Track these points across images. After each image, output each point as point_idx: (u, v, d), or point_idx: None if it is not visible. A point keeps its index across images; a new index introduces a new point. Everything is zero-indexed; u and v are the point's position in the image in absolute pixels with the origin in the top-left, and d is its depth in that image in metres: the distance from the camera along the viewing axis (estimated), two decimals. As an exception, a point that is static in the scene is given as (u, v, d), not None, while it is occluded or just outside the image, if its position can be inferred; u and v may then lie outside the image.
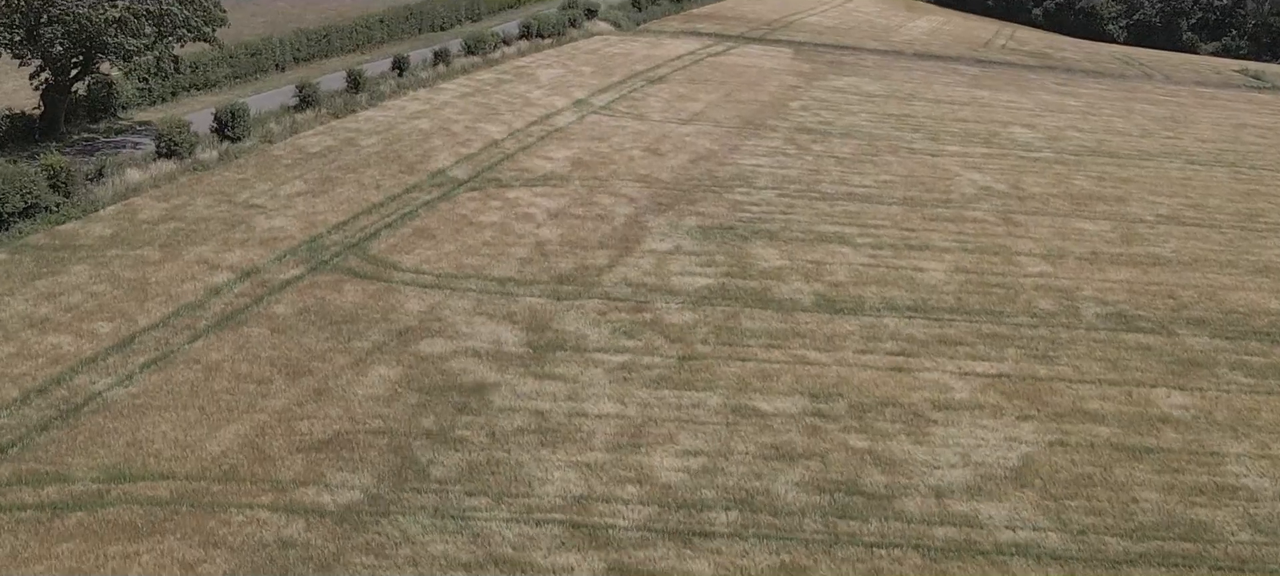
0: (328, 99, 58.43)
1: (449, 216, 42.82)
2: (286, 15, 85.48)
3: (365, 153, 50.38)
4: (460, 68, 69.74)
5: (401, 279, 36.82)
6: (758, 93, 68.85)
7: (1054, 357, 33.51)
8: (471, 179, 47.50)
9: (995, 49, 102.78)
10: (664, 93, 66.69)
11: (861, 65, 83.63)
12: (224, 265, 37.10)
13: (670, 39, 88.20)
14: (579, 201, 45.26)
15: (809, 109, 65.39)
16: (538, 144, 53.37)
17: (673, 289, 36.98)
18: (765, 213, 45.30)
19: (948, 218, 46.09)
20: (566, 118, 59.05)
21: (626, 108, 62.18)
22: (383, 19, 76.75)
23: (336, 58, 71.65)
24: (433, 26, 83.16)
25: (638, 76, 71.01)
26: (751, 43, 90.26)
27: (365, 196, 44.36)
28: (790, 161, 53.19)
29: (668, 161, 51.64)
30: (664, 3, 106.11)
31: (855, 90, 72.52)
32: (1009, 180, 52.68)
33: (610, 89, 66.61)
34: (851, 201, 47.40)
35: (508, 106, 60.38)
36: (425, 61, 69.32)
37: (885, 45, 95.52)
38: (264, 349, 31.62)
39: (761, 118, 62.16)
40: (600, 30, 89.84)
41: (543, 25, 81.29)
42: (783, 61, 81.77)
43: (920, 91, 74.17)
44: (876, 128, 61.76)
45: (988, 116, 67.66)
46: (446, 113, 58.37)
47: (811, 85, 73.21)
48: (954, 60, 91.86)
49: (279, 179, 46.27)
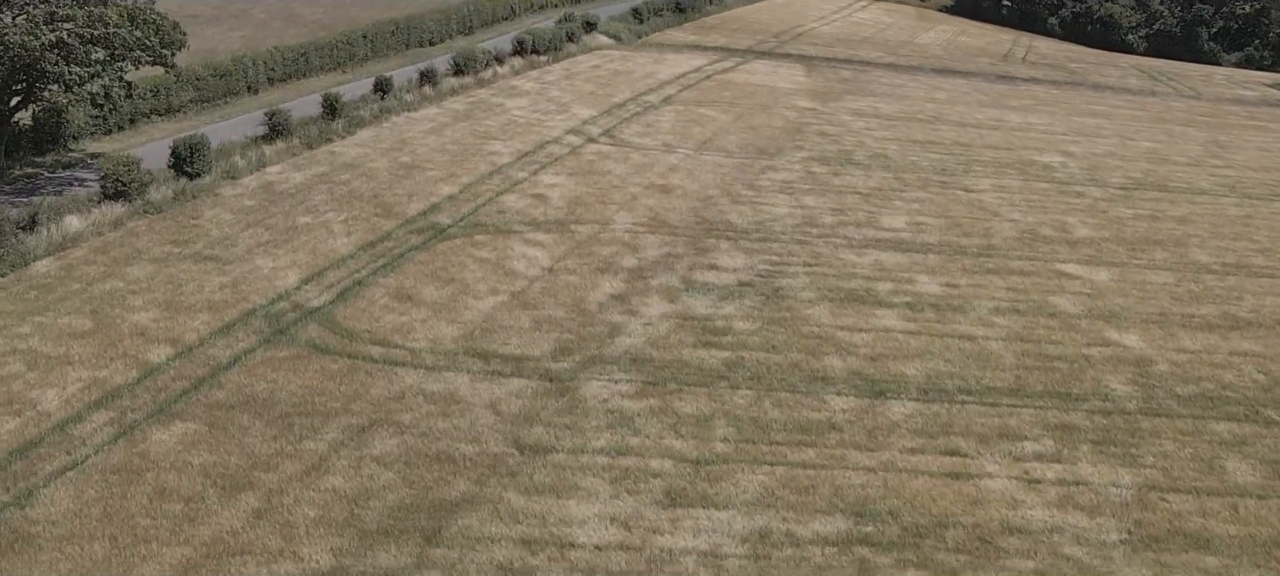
0: (300, 127, 53.22)
1: (428, 271, 37.63)
2: (268, 27, 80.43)
3: (339, 191, 45.19)
4: (448, 89, 64.55)
5: (369, 354, 31.61)
6: (770, 116, 63.67)
7: (1138, 457, 28.31)
8: (456, 223, 42.31)
9: (1015, 62, 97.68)
10: (669, 117, 61.51)
11: (878, 83, 78.47)
12: (163, 337, 31.89)
13: (674, 54, 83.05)
14: (577, 250, 40.08)
15: (826, 135, 60.22)
16: (531, 179, 48.17)
17: (685, 365, 31.78)
18: (786, 263, 40.10)
19: (992, 269, 40.90)
20: (563, 147, 53.87)
21: (629, 134, 57.00)
22: (366, 35, 71.56)
23: (316, 77, 66.50)
24: (421, 41, 77.98)
25: (641, 98, 65.85)
26: (760, 57, 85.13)
27: (334, 246, 39.15)
28: (810, 199, 47.99)
29: (676, 201, 46.45)
30: (667, 14, 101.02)
31: (874, 112, 67.36)
32: (1053, 220, 47.49)
33: (611, 113, 61.44)
34: (882, 248, 42.22)
35: (499, 134, 55.20)
36: (410, 82, 64.14)
37: (900, 59, 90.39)
38: (198, 452, 26.40)
39: (776, 145, 56.98)
40: (600, 44, 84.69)
41: (538, 40, 76.12)
42: (794, 79, 76.61)
43: (944, 113, 69.02)
44: (901, 156, 56.58)
45: (1019, 142, 62.48)
46: (431, 143, 53.17)
47: (827, 106, 68.04)
48: (974, 75, 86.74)
49: (240, 224, 41.07)
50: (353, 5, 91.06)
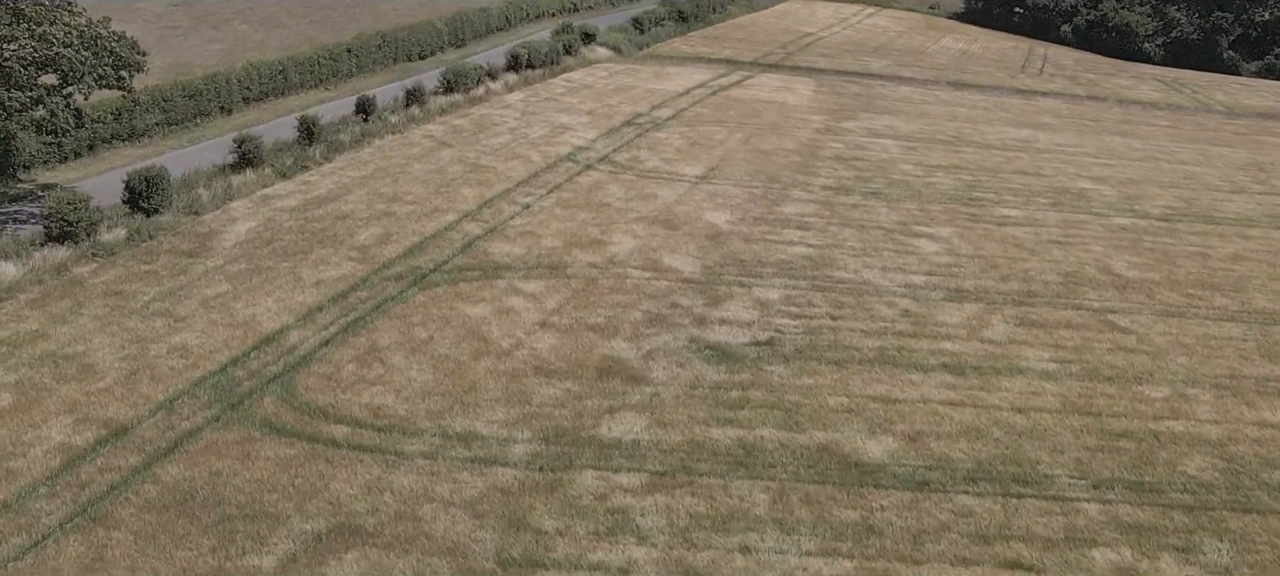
0: (274, 154, 48.99)
1: (404, 326, 33.37)
2: (248, 39, 76.27)
3: (311, 229, 40.95)
4: (437, 108, 60.31)
5: (331, 437, 27.35)
6: (781, 137, 59.43)
7: (1233, 570, 24.04)
8: (438, 268, 38.06)
9: (1032, 74, 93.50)
10: (673, 139, 57.26)
11: (892, 98, 74.24)
12: (94, 415, 27.65)
13: (677, 67, 78.82)
14: (573, 300, 35.82)
15: (842, 159, 55.98)
16: (524, 215, 43.92)
17: (696, 448, 27.54)
18: (806, 314, 35.87)
19: (1036, 320, 36.63)
20: (560, 174, 49.62)
21: (630, 159, 52.75)
22: (351, 49, 67.31)
23: (295, 95, 62.28)
24: (409, 55, 73.75)
25: (643, 117, 61.60)
26: (767, 70, 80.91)
27: (301, 298, 34.89)
28: (829, 235, 43.74)
29: (682, 241, 42.21)
30: (668, 23, 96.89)
31: (891, 133, 63.12)
32: (1095, 259, 43.25)
33: (612, 135, 57.19)
34: (911, 296, 37.96)
35: (490, 161, 50.94)
36: (396, 101, 59.94)
37: (913, 71, 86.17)
38: (115, 572, 22.15)
39: (789, 171, 52.73)
40: (599, 57, 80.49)
41: (534, 54, 71.91)
42: (805, 95, 72.38)
43: (966, 132, 64.79)
44: (925, 183, 52.33)
45: (1048, 165, 58.24)
46: (416, 170, 48.91)
47: (841, 126, 63.81)
48: (992, 89, 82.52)
49: (198, 270, 36.80)
50: (340, 16, 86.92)
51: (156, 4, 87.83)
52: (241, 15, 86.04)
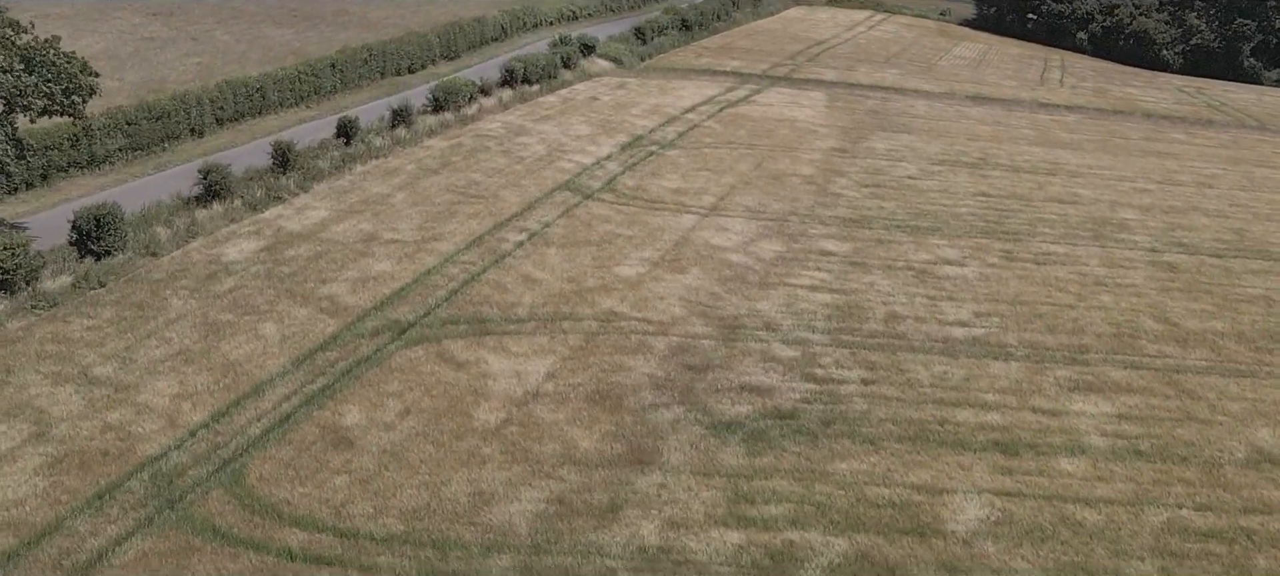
0: (244, 185, 44.82)
1: (377, 397, 29.22)
2: (230, 53, 72.12)
3: (280, 273, 36.80)
4: (425, 130, 56.16)
5: (286, 546, 23.17)
6: (795, 161, 55.26)
7: None
8: (420, 321, 33.90)
9: (1052, 85, 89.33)
10: (680, 162, 53.11)
11: (909, 114, 70.08)
12: (3, 520, 23.47)
13: (681, 81, 74.69)
14: (571, 364, 31.66)
15: (862, 185, 51.81)
16: (518, 254, 39.78)
17: (715, 555, 23.39)
18: (834, 378, 31.72)
19: (1092, 383, 32.47)
20: (558, 206, 45.49)
21: (634, 186, 48.60)
22: (335, 64, 63.12)
23: (274, 115, 58.10)
24: (398, 70, 69.58)
25: (646, 138, 57.46)
26: (776, 83, 76.75)
27: (262, 364, 30.73)
28: (854, 277, 39.60)
29: (691, 281, 38.08)
30: (672, 32, 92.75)
31: (912, 153, 58.97)
32: (1150, 305, 39.10)
33: (613, 159, 53.05)
34: (951, 357, 33.78)
35: (481, 190, 46.80)
36: (381, 122, 55.79)
37: (928, 84, 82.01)
38: None
39: (806, 200, 48.58)
40: (599, 70, 76.35)
41: (530, 68, 67.77)
42: (817, 112, 68.23)
43: (991, 153, 60.63)
44: (953, 214, 48.18)
45: (1084, 191, 54.09)
46: (399, 202, 44.77)
47: (857, 146, 59.66)
48: (1012, 103, 78.37)
49: (146, 329, 32.62)
50: (328, 26, 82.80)
51: (135, 13, 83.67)
52: (224, 26, 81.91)
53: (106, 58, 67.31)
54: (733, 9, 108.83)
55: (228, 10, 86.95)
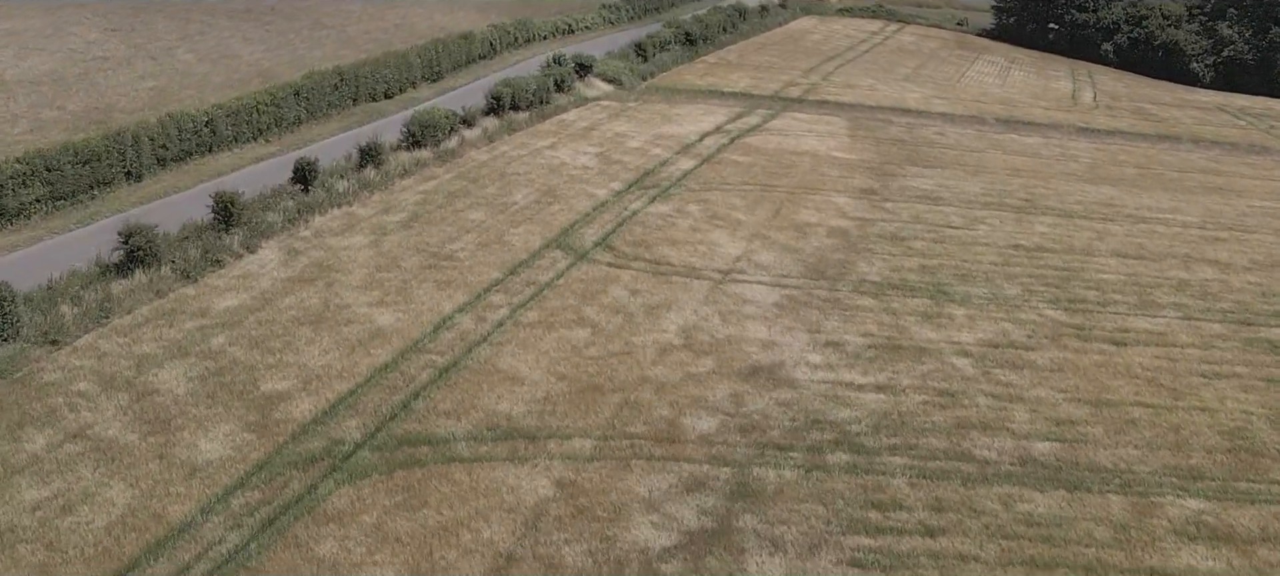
0: (176, 246, 38.03)
1: (307, 561, 22.41)
2: (190, 74, 65.31)
3: (202, 372, 30.02)
4: (398, 170, 49.37)
5: None
6: (820, 208, 48.45)
7: None
8: (370, 440, 27.12)
9: (1085, 106, 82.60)
10: (688, 211, 46.32)
11: (941, 144, 63.29)
12: None
13: (687, 105, 67.92)
14: (554, 518, 24.85)
15: (898, 239, 45.02)
16: (496, 339, 33.01)
17: None
18: (892, 527, 24.94)
19: (1217, 528, 25.68)
20: (546, 269, 38.75)
21: (635, 243, 41.85)
22: (300, 91, 56.28)
23: (227, 152, 51.30)
24: (373, 94, 62.76)
25: (647, 179, 50.67)
26: (791, 107, 69.97)
27: (165, 505, 23.91)
28: (900, 370, 32.81)
29: (703, 372, 31.33)
30: (675, 47, 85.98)
31: (950, 194, 52.16)
32: (1263, 404, 32.30)
33: (610, 205, 46.28)
34: (1035, 487, 26.98)
35: (456, 248, 40.05)
36: (348, 161, 49.04)
37: (954, 106, 75.24)
38: None
39: (836, 258, 41.81)
40: (596, 94, 69.56)
41: (519, 93, 61.01)
42: (839, 142, 61.43)
43: (1037, 193, 53.86)
44: (1006, 275, 41.40)
45: (1149, 242, 47.33)
46: (358, 266, 38.00)
47: (888, 186, 52.86)
48: (1048, 128, 71.59)
49: (24, 456, 25.81)
50: (302, 43, 75.99)
51: (93, 29, 76.80)
52: (189, 42, 75.07)
53: (51, 81, 60.59)
54: (739, 20, 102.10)
55: (196, 23, 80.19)
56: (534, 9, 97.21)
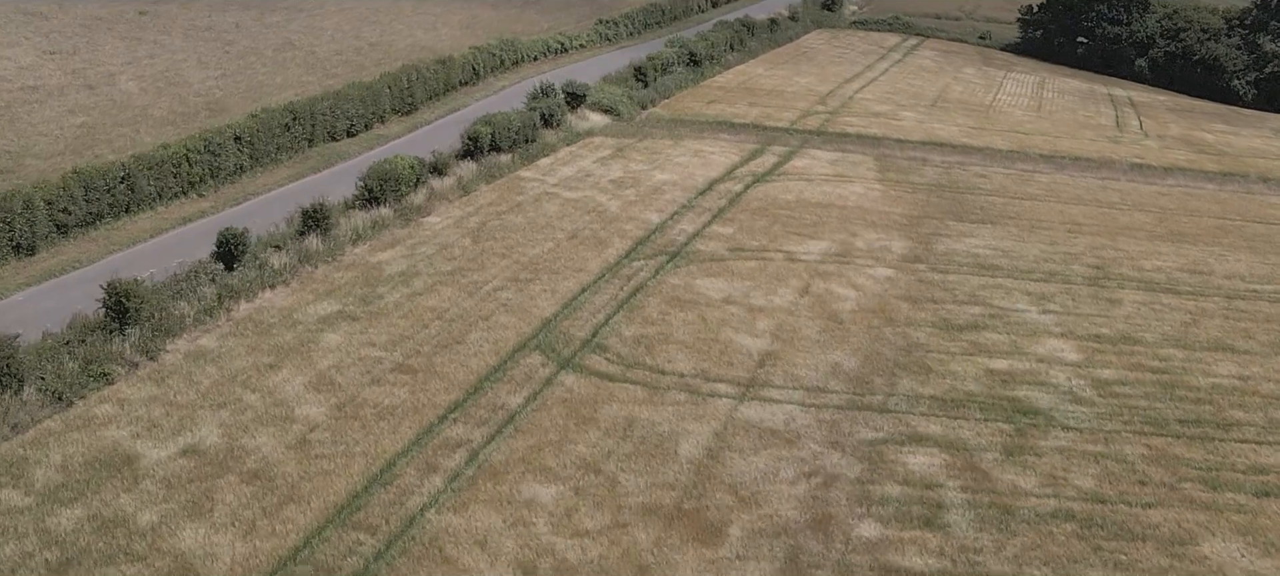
0: (49, 357, 29.87)
1: None
2: (129, 106, 57.10)
3: (44, 555, 21.88)
4: (350, 234, 41.28)
5: None
6: (854, 283, 40.25)
7: None
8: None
9: (1134, 135, 74.45)
10: (697, 294, 38.17)
11: (984, 190, 55.10)
12: None
13: (694, 140, 59.79)
14: None
15: (953, 327, 36.84)
16: (448, 503, 24.87)
17: None
18: None
19: None
20: (520, 386, 30.65)
21: (631, 345, 33.70)
22: (242, 136, 48.08)
23: (148, 212, 43.20)
24: (333, 132, 54.60)
25: (649, 246, 42.54)
26: (811, 142, 61.85)
27: None
28: (985, 548, 24.67)
29: (729, 536, 23.18)
30: (678, 69, 77.89)
31: (1008, 261, 43.95)
32: None
33: (601, 286, 38.15)
34: None
35: (412, 353, 31.89)
36: (289, 225, 40.94)
37: (990, 138, 67.09)
38: None
39: (882, 361, 33.65)
40: (590, 127, 61.41)
41: (501, 132, 52.87)
42: (868, 188, 53.26)
43: (1107, 256, 45.66)
44: (1095, 386, 33.23)
45: (1258, 329, 39.12)
46: (284, 381, 29.83)
47: (932, 250, 44.69)
48: (1100, 167, 63.47)
49: None
50: (264, 68, 67.84)
51: (31, 51, 68.63)
52: (134, 66, 66.94)
53: (-40, 119, 52.60)
54: (748, 36, 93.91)
55: (148, 45, 72.12)
56: (526, 25, 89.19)
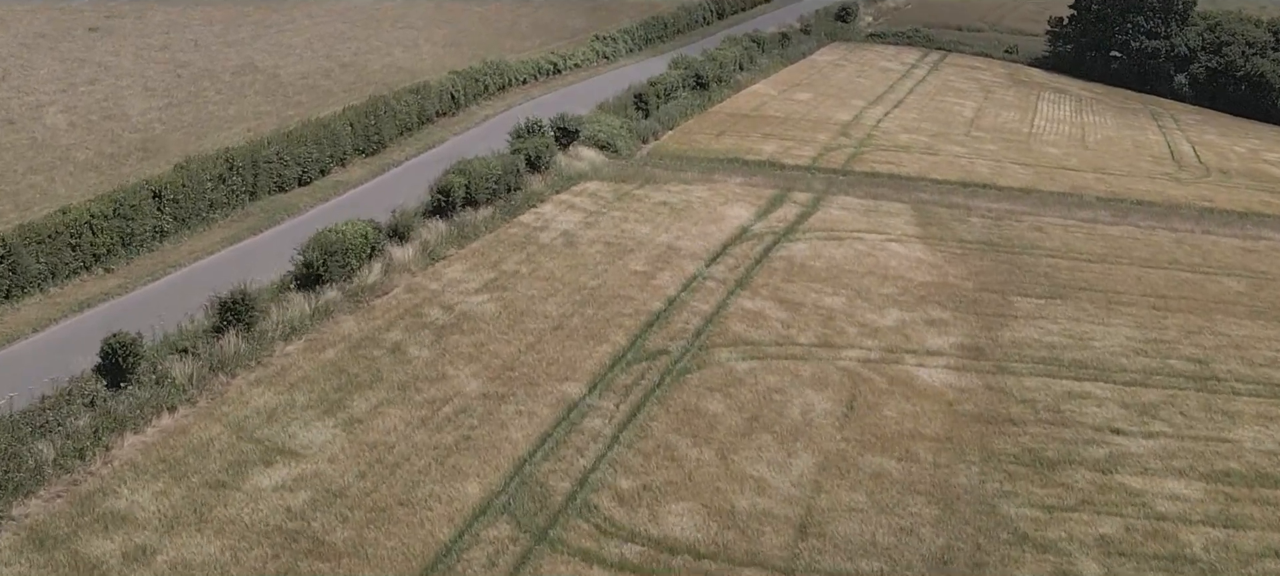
0: None
1: None
2: (50, 146, 49.20)
3: None
4: (282, 327, 33.30)
5: None
6: (908, 396, 32.21)
7: None
8: None
9: (1192, 169, 66.59)
10: (711, 423, 30.11)
11: (1044, 248, 47.06)
12: None
13: (702, 186, 51.80)
14: None
15: (1041, 464, 28.81)
16: None
17: None
18: None
19: None
20: (479, 564, 22.63)
21: (628, 502, 25.71)
22: (161, 192, 40.00)
23: (33, 298, 35.14)
24: (281, 181, 46.58)
25: (650, 340, 34.52)
26: (835, 184, 53.95)
27: None
28: None
29: None
30: (683, 94, 70.06)
31: (1091, 358, 35.88)
32: None
33: (591, 408, 30.10)
34: None
35: (322, 533, 23.89)
36: (206, 316, 32.87)
37: (1038, 176, 59.13)
38: None
39: (959, 531, 25.65)
40: (583, 169, 53.36)
41: (477, 183, 44.82)
42: (909, 252, 45.19)
43: (1206, 345, 37.64)
44: (1239, 560, 25.32)
45: None
46: (169, 572, 21.89)
47: (997, 342, 36.68)
48: (1168, 212, 55.50)
49: None
50: (218, 97, 59.76)
51: (-48, 76, 60.64)
52: (69, 94, 58.88)
53: None
54: (758, 53, 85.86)
55: (91, 68, 64.25)
56: (516, 40, 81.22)
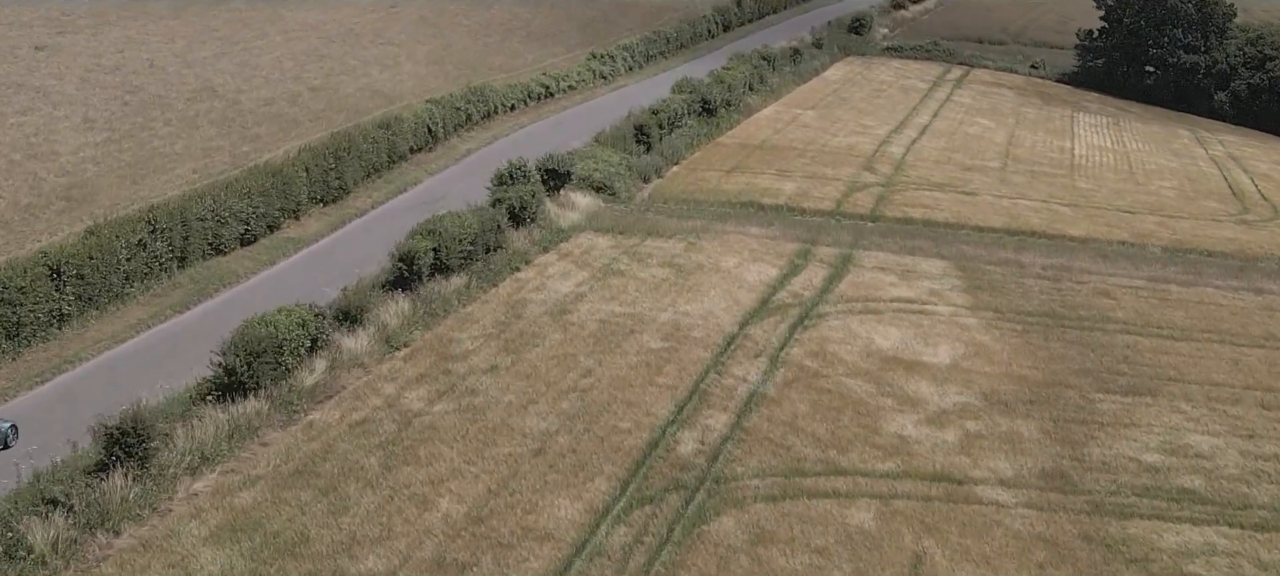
0: None
1: None
2: None
3: None
4: (187, 459, 26.61)
5: None
6: (988, 557, 25.15)
7: None
8: None
9: (1259, 210, 59.54)
10: None
11: (1119, 324, 39.89)
12: None
13: (713, 241, 44.67)
14: None
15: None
16: None
17: None
18: None
19: None
20: None
21: None
22: (61, 268, 32.77)
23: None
24: (218, 241, 39.40)
25: (660, 464, 27.37)
26: (865, 236, 46.86)
27: None
28: None
29: None
30: (688, 122, 63.22)
31: (1202, 484, 28.78)
32: None
33: (592, 551, 23.04)
34: None
35: None
36: (96, 442, 25.69)
37: (1095, 222, 52.05)
38: None
39: None
40: (575, 220, 46.18)
41: (448, 244, 37.65)
42: (959, 323, 38.02)
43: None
44: None
45: None
46: None
47: (1085, 463, 29.50)
48: (1248, 269, 48.39)
49: None
50: (166, 129, 52.55)
51: None
52: (20, 124, 51.68)
53: None
54: (768, 71, 78.72)
55: (30, 92, 57.50)
56: (506, 57, 74.22)
